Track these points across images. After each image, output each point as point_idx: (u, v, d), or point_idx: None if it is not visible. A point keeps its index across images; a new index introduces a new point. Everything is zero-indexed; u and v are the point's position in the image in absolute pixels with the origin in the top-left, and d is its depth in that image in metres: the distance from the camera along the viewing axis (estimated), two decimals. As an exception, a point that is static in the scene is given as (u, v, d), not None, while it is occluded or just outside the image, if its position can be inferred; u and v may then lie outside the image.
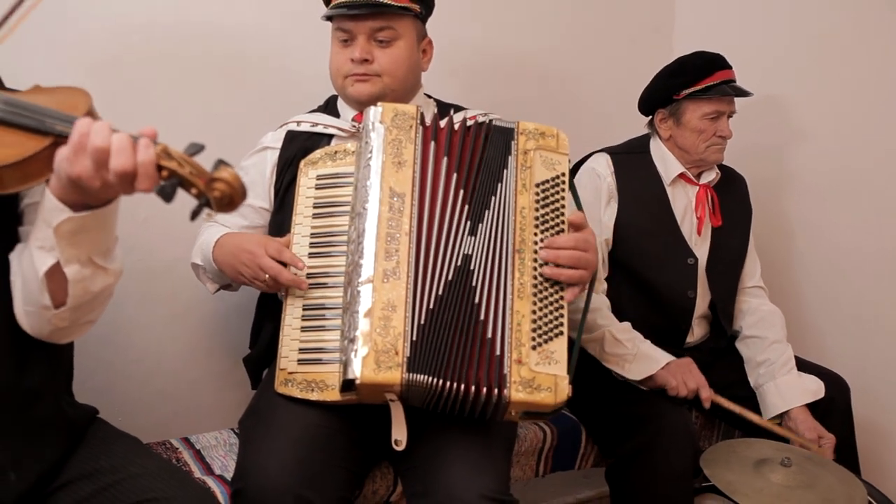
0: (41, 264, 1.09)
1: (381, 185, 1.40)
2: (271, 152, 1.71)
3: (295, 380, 1.43)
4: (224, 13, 1.95)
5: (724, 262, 2.07)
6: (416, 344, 1.32)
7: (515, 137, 1.49)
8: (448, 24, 1.89)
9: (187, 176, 1.00)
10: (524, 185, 1.46)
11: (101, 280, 1.14)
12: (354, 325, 1.32)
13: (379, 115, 1.45)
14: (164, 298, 1.96)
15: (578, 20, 2.52)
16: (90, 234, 1.10)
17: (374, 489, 1.63)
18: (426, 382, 1.32)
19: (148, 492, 1.18)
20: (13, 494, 1.14)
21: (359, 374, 1.29)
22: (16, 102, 1.08)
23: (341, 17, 1.65)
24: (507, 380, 1.33)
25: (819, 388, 1.89)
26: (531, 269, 1.41)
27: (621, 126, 2.23)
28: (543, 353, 1.37)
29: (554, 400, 1.34)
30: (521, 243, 1.42)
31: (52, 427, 1.22)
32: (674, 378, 1.80)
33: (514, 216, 1.43)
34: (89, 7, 1.79)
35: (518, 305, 1.38)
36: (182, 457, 1.73)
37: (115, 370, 1.88)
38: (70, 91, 1.17)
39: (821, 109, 2.29)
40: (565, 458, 1.95)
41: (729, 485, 1.54)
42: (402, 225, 1.38)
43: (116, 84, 1.82)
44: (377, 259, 1.36)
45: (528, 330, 1.37)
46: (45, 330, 1.17)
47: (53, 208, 1.06)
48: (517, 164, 1.47)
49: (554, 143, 1.51)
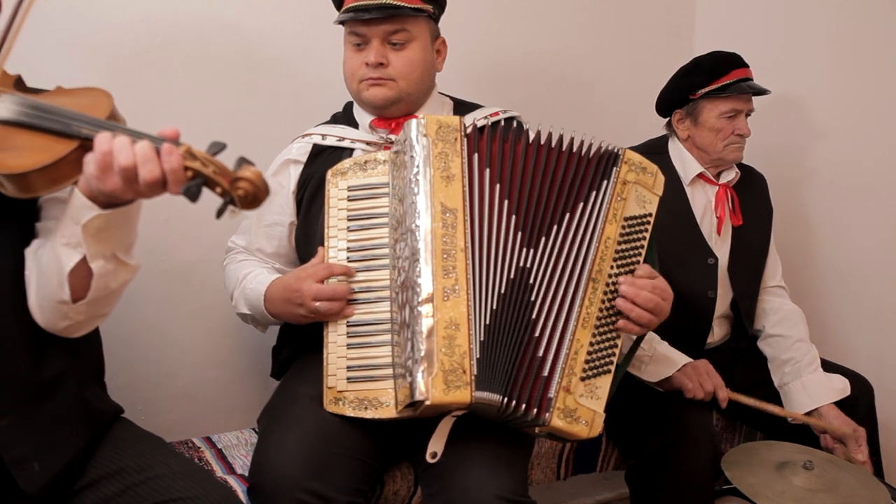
0: (68, 260, 1.12)
1: (431, 201, 1.37)
2: (294, 167, 1.71)
3: (346, 398, 1.41)
4: (243, 15, 1.97)
5: (746, 261, 2.07)
6: (480, 361, 1.32)
7: (619, 165, 1.47)
8: (468, 26, 1.89)
9: (211, 175, 1.02)
10: (615, 215, 1.44)
11: (122, 275, 1.18)
12: (418, 346, 1.30)
13: (423, 127, 1.42)
14: (185, 299, 1.97)
15: (599, 21, 2.52)
16: (116, 230, 1.13)
17: (395, 490, 1.63)
18: (492, 400, 1.31)
19: (172, 491, 1.20)
20: (38, 484, 1.16)
21: (428, 395, 1.27)
22: (41, 106, 1.10)
23: (354, 22, 1.64)
24: (551, 404, 1.33)
25: (845, 386, 1.88)
26: (600, 300, 1.40)
27: (640, 128, 2.22)
28: (590, 386, 1.37)
29: (587, 434, 1.36)
30: (598, 273, 1.41)
31: (74, 418, 1.24)
32: (690, 380, 1.79)
33: (598, 244, 1.42)
34: (109, 7, 1.81)
35: (580, 334, 1.37)
36: (204, 456, 1.74)
37: (137, 371, 1.90)
38: (92, 92, 1.19)
39: (841, 107, 2.28)
40: (586, 461, 1.94)
41: (750, 487, 1.53)
42: (457, 241, 1.36)
43: (134, 84, 1.84)
44: (435, 277, 1.33)
45: (582, 360, 1.37)
46: (59, 324, 1.19)
47: (82, 206, 1.09)
48: (613, 193, 1.45)
49: (651, 182, 1.50)
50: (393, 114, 1.69)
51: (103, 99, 1.17)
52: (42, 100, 1.14)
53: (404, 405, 1.33)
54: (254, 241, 1.71)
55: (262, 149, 1.76)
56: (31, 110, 1.10)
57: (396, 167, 1.46)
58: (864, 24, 2.21)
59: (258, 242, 1.71)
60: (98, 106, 1.14)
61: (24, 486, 1.15)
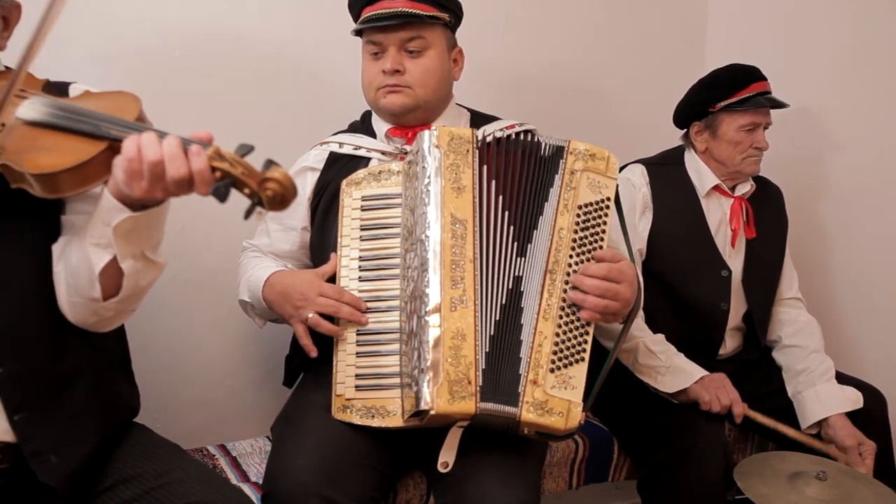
0: (98, 260, 1.14)
1: (441, 212, 1.38)
2: (312, 174, 1.72)
3: (354, 406, 1.42)
4: (264, 25, 1.99)
5: (760, 273, 2.07)
6: (485, 372, 1.32)
7: (564, 156, 1.47)
8: (484, 38, 1.90)
9: (240, 176, 1.03)
10: (566, 205, 1.44)
11: (151, 273, 1.21)
12: (424, 355, 1.31)
13: (435, 138, 1.43)
14: (201, 308, 1.99)
15: (612, 32, 2.53)
16: (145, 230, 1.15)
17: (408, 498, 1.64)
18: (496, 411, 1.32)
19: (189, 496, 1.22)
20: (56, 476, 1.18)
21: (433, 405, 1.29)
22: (70, 108, 1.12)
23: (371, 30, 1.65)
24: (519, 399, 1.33)
25: (858, 398, 1.88)
26: (560, 290, 1.39)
27: (653, 138, 2.23)
28: (561, 377, 1.36)
29: (564, 425, 1.34)
30: (555, 264, 1.40)
31: (90, 411, 1.25)
32: (707, 393, 1.79)
33: (552, 236, 1.42)
34: (131, 14, 1.84)
35: (542, 326, 1.37)
36: (218, 464, 1.76)
37: (153, 377, 1.88)
38: (120, 95, 1.21)
39: (856, 119, 2.28)
40: (598, 470, 1.95)
41: (763, 498, 1.52)
42: (466, 252, 1.37)
43: (160, 92, 1.84)
44: (443, 287, 1.34)
45: (548, 352, 1.36)
46: (90, 319, 1.22)
47: (112, 208, 1.11)
48: (562, 184, 1.45)
49: (603, 167, 1.48)
50: (409, 122, 1.69)
51: (131, 102, 1.18)
52: (70, 102, 1.16)
53: (410, 414, 1.34)
54: (269, 242, 1.73)
55: (281, 157, 1.79)
56: (59, 111, 1.11)
57: (409, 178, 1.47)
58: (877, 36, 2.22)
59: (273, 244, 1.72)
60: (126, 108, 1.15)
61: (43, 477, 1.17)
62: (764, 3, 2.54)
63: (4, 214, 1.17)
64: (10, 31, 1.27)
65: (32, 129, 1.11)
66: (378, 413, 1.40)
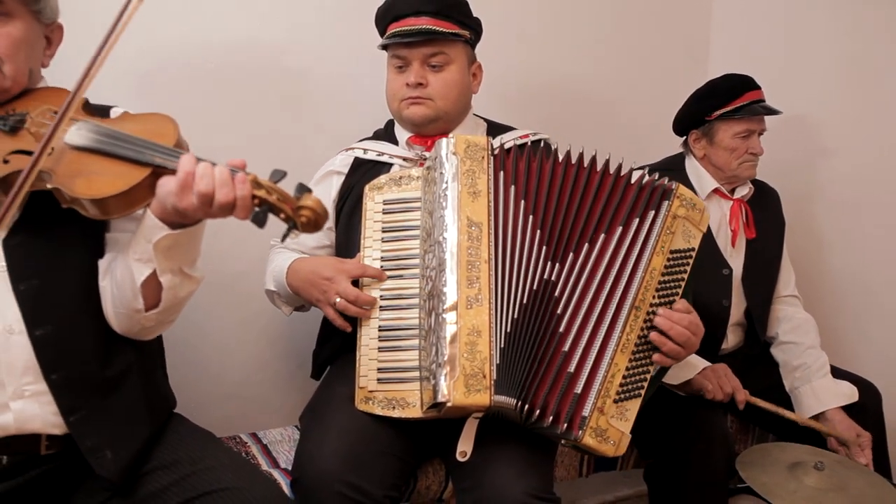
0: (139, 274, 1.21)
1: (458, 215, 1.42)
2: (337, 177, 1.78)
3: (376, 398, 1.46)
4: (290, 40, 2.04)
5: (759, 271, 2.10)
6: (500, 367, 1.35)
7: (671, 199, 1.50)
8: (499, 51, 1.93)
9: (276, 203, 1.10)
10: (663, 247, 1.47)
11: (187, 286, 1.28)
12: (441, 350, 1.35)
13: (452, 146, 1.47)
14: (233, 306, 2.04)
15: (618, 45, 2.57)
16: (183, 247, 1.22)
17: (427, 485, 1.68)
18: (510, 404, 1.35)
19: (222, 482, 1.28)
20: (112, 470, 1.25)
21: (450, 397, 1.32)
22: (115, 134, 1.17)
23: (397, 45, 1.71)
24: (585, 422, 1.37)
25: (853, 392, 1.91)
26: (640, 328, 1.43)
27: (657, 144, 2.28)
28: (621, 408, 1.41)
29: (614, 453, 1.40)
30: (641, 301, 1.44)
31: (138, 409, 1.32)
32: (710, 382, 1.82)
33: (644, 274, 1.44)
34: (148, 26, 1.81)
35: (618, 359, 1.41)
36: (250, 451, 1.80)
37: (188, 372, 1.93)
38: (159, 119, 1.26)
39: (849, 125, 2.32)
40: (607, 459, 1.92)
41: (763, 486, 1.56)
42: (482, 253, 1.40)
43: (188, 108, 1.88)
44: (460, 286, 1.37)
45: (617, 384, 1.40)
46: (133, 329, 1.30)
47: (153, 226, 1.18)
48: (663, 226, 1.48)
49: (698, 217, 1.52)
50: (430, 132, 1.76)
51: (170, 126, 1.23)
52: (112, 126, 1.21)
53: (428, 406, 1.38)
54: (295, 241, 1.76)
55: (297, 167, 1.82)
56: (106, 138, 1.17)
57: (428, 183, 1.52)
58: (871, 46, 2.26)
59: (300, 243, 1.76)
60: (165, 133, 1.21)
61: (100, 471, 1.24)
62: (765, 21, 2.58)
63: (56, 233, 1.24)
64: (54, 51, 1.34)
65: (80, 154, 1.16)
66: (399, 404, 1.45)
